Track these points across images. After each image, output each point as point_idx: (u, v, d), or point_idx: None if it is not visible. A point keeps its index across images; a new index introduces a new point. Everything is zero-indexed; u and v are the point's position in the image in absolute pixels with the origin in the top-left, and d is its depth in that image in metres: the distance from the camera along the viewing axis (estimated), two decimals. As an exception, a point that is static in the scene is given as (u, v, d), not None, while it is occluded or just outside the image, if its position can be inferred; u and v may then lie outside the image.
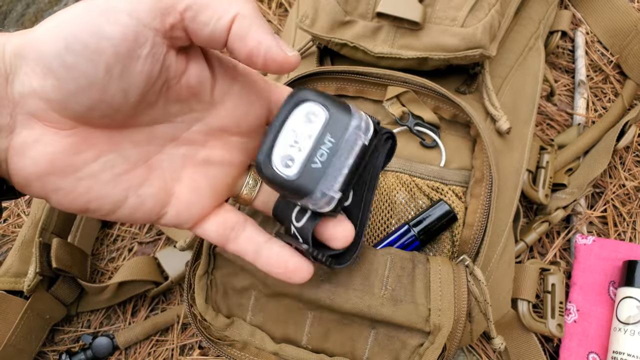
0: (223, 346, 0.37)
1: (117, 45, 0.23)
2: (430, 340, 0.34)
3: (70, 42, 0.23)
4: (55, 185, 0.25)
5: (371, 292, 0.35)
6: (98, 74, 0.23)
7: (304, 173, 0.27)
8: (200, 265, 0.38)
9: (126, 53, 0.23)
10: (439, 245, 0.41)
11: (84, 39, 0.23)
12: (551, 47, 0.60)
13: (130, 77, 0.24)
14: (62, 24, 0.23)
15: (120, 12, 0.23)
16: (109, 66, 0.23)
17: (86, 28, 0.23)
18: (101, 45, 0.23)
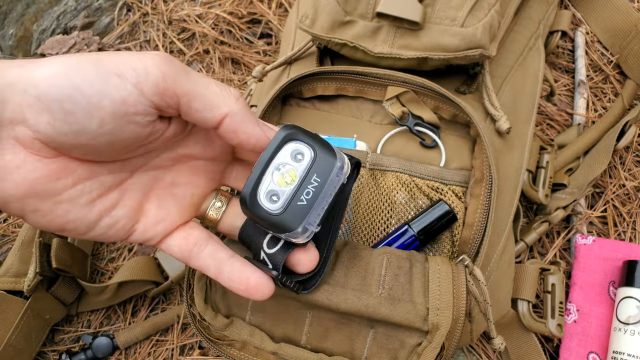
0: (222, 346, 0.37)
1: (116, 108, 0.25)
2: (428, 339, 0.34)
3: (74, 93, 0.25)
4: (34, 207, 0.27)
5: (369, 292, 0.35)
6: (92, 125, 0.25)
7: (289, 209, 0.29)
8: None
9: (122, 115, 0.26)
10: (438, 245, 0.41)
11: (88, 93, 0.25)
12: (551, 47, 0.60)
13: (120, 134, 0.27)
14: (70, 72, 0.25)
15: (127, 80, 0.25)
16: (104, 122, 0.26)
17: (93, 85, 0.25)
18: (102, 103, 0.25)
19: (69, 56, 0.25)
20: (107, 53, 0.26)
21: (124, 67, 0.25)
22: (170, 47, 0.70)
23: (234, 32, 0.70)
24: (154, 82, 0.26)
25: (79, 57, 0.25)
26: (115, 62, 0.25)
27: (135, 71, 0.25)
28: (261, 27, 0.70)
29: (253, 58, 0.67)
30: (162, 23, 0.71)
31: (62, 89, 0.24)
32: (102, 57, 0.26)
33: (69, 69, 0.25)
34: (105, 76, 0.25)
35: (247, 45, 0.69)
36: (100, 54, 0.26)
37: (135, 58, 0.26)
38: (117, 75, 0.25)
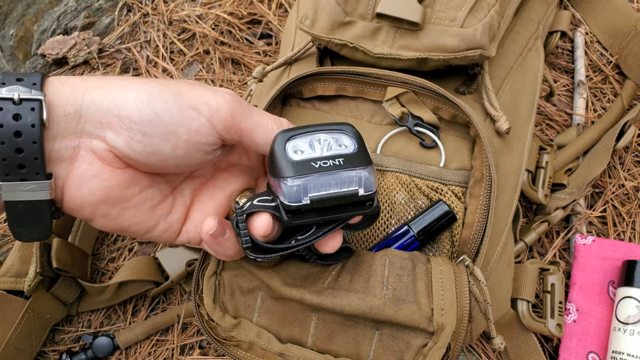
0: (229, 346, 0.37)
1: (190, 136, 0.29)
2: (434, 340, 0.34)
3: (154, 119, 0.28)
4: (105, 212, 0.30)
5: (373, 293, 0.35)
6: (165, 149, 0.29)
7: (302, 163, 0.30)
8: (210, 265, 0.38)
9: (194, 144, 0.29)
10: (438, 246, 0.41)
11: (167, 121, 0.28)
12: (551, 48, 0.60)
13: (188, 159, 0.30)
14: (152, 99, 0.28)
15: (202, 113, 0.29)
16: (177, 147, 0.29)
17: (172, 114, 0.28)
18: (178, 131, 0.28)
19: (151, 82, 0.28)
20: (185, 84, 0.30)
21: (199, 102, 0.29)
22: (171, 47, 0.70)
23: (234, 33, 0.70)
24: (224, 118, 0.29)
25: (160, 85, 0.28)
26: (192, 95, 0.29)
27: (209, 106, 0.29)
28: (261, 27, 0.70)
29: (253, 58, 0.67)
30: (162, 23, 0.71)
31: (144, 114, 0.28)
32: (181, 89, 0.29)
33: (152, 97, 0.28)
34: (183, 107, 0.28)
35: (247, 45, 0.69)
36: (179, 84, 0.29)
37: (209, 94, 0.29)
38: (193, 108, 0.28)
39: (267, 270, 0.36)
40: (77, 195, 0.29)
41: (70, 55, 0.67)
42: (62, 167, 0.28)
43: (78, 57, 0.68)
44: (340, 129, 0.32)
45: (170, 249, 0.54)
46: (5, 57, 0.71)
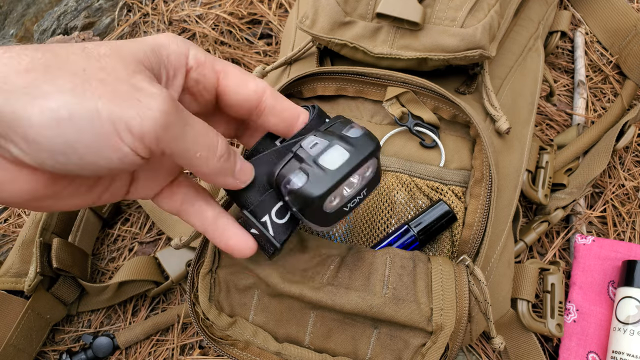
0: (225, 346, 0.37)
1: (112, 164, 0.24)
2: (432, 339, 0.34)
3: (68, 151, 0.23)
4: (39, 205, 0.27)
5: (373, 292, 0.35)
6: (84, 172, 0.24)
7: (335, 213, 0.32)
8: (205, 263, 0.38)
9: (117, 168, 0.25)
10: (438, 245, 0.41)
11: (82, 152, 0.23)
12: (551, 48, 0.60)
13: (115, 174, 0.28)
14: (63, 125, 0.22)
15: (124, 141, 0.23)
16: (98, 172, 0.24)
17: (89, 145, 0.23)
18: (98, 162, 0.24)
19: (64, 94, 0.22)
20: (103, 87, 0.23)
21: (120, 126, 0.23)
22: (171, 47, 0.70)
23: (234, 33, 0.70)
24: (149, 144, 0.24)
25: (73, 97, 0.22)
26: (112, 115, 0.23)
27: (131, 133, 0.23)
28: (261, 27, 0.70)
29: (253, 58, 0.67)
30: (162, 23, 0.71)
31: (54, 144, 0.22)
32: (99, 107, 0.22)
33: (61, 122, 0.22)
34: (102, 136, 0.23)
35: (247, 45, 0.69)
36: (95, 88, 0.23)
37: (135, 115, 0.23)
38: (114, 136, 0.23)
39: (265, 266, 0.36)
40: (1, 197, 0.25)
41: (70, 55, 0.67)
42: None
43: (78, 57, 0.68)
44: (371, 156, 0.31)
45: (170, 249, 0.54)
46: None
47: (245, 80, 0.31)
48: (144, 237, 0.59)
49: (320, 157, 0.30)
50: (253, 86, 0.31)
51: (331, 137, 0.31)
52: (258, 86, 0.31)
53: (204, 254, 0.39)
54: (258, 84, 0.31)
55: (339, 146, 0.31)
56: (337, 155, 0.30)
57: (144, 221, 0.59)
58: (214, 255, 0.38)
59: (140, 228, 0.59)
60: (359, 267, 0.36)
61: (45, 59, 0.23)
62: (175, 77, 0.28)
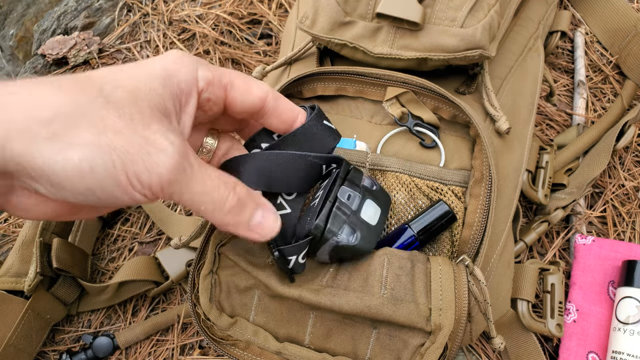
0: (226, 346, 0.37)
1: (125, 203, 0.27)
2: (431, 339, 0.34)
3: (87, 193, 0.25)
4: (60, 218, 0.29)
5: (371, 293, 0.35)
6: (99, 206, 0.28)
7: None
8: (205, 264, 0.38)
9: (129, 204, 0.27)
10: (438, 245, 0.41)
11: (99, 196, 0.26)
12: (551, 48, 0.60)
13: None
14: (85, 176, 0.24)
15: (135, 188, 0.26)
16: (112, 207, 0.28)
17: (105, 190, 0.25)
18: (114, 202, 0.26)
19: (84, 147, 0.24)
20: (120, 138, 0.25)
21: (133, 179, 0.25)
22: (171, 47, 0.70)
23: (234, 33, 0.70)
24: (155, 195, 0.27)
25: (91, 153, 0.24)
26: (126, 166, 0.25)
27: (142, 185, 0.26)
28: (261, 27, 0.70)
29: (253, 58, 0.67)
30: (162, 23, 0.71)
31: (76, 187, 0.25)
32: (115, 161, 0.25)
33: (83, 173, 0.24)
34: (117, 186, 0.25)
35: (247, 45, 0.69)
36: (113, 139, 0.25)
37: (144, 170, 0.25)
38: (127, 186, 0.26)
39: (264, 268, 0.36)
40: (24, 215, 0.28)
41: (70, 55, 0.67)
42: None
43: (78, 57, 0.68)
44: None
45: (170, 249, 0.54)
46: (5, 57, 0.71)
47: (250, 87, 0.32)
48: (144, 237, 0.59)
49: (361, 212, 0.34)
50: (257, 93, 0.32)
51: (358, 188, 0.35)
52: (261, 92, 0.32)
53: (204, 255, 0.39)
54: (261, 89, 0.32)
55: (370, 201, 0.35)
56: (373, 210, 0.35)
57: (144, 221, 0.59)
58: (214, 257, 0.38)
59: (140, 228, 0.59)
60: (358, 269, 0.36)
61: (66, 107, 0.24)
62: (187, 104, 0.29)
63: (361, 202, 0.34)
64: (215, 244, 0.38)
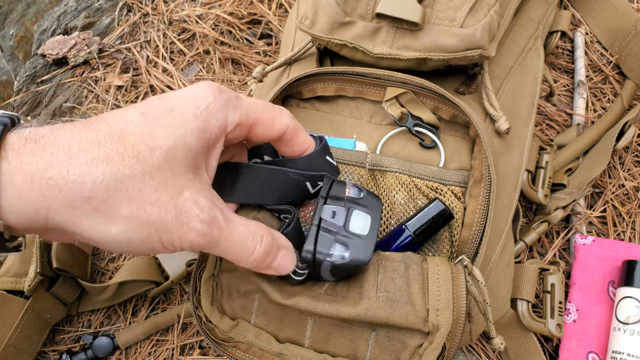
0: (228, 347, 0.37)
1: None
2: (429, 340, 0.34)
3: (124, 250, 0.28)
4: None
5: (367, 297, 0.35)
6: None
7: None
8: (207, 268, 0.38)
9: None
10: (437, 246, 0.41)
11: (135, 252, 0.30)
12: (550, 48, 0.60)
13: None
14: (127, 246, 0.27)
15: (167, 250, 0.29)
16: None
17: (141, 250, 0.28)
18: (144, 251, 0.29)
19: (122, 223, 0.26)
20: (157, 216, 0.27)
21: (167, 244, 0.28)
22: (171, 47, 0.70)
23: (234, 33, 0.70)
24: (189, 249, 0.29)
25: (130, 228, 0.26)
26: (161, 240, 0.27)
27: (174, 247, 0.28)
28: (261, 27, 0.70)
29: (253, 58, 0.67)
30: (162, 23, 0.71)
31: (114, 249, 0.28)
32: (152, 234, 0.27)
33: (124, 244, 0.27)
34: (151, 249, 0.28)
35: (247, 45, 0.69)
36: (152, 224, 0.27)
37: (177, 239, 0.28)
38: (161, 249, 0.28)
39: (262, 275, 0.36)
40: (56, 240, 0.32)
41: (70, 55, 0.67)
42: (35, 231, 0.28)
43: (78, 57, 0.68)
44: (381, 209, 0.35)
45: (170, 249, 0.54)
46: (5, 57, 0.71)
47: (274, 123, 0.33)
48: (144, 237, 0.59)
49: (350, 225, 0.33)
50: (279, 128, 0.33)
51: (342, 202, 0.34)
52: (283, 127, 0.33)
53: (206, 257, 0.39)
54: (283, 124, 0.33)
55: (358, 211, 0.34)
56: (362, 220, 0.34)
57: (144, 221, 0.59)
58: (215, 259, 0.38)
59: (140, 228, 0.59)
60: (354, 278, 0.36)
61: (105, 181, 0.25)
62: (215, 148, 0.31)
63: (347, 215, 0.34)
64: None
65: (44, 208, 0.24)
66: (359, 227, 0.34)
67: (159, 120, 0.27)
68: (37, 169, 0.24)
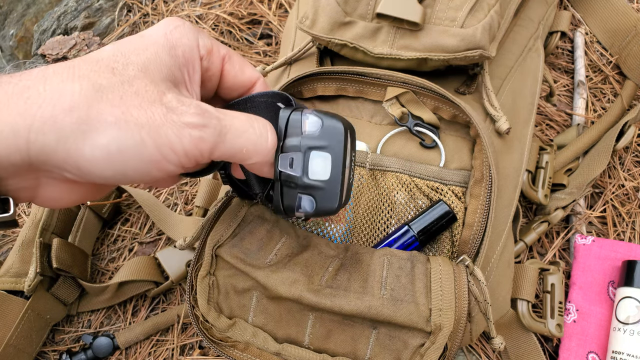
0: (225, 347, 0.37)
1: (158, 178, 0.27)
2: (431, 340, 0.34)
3: (117, 176, 0.25)
4: (81, 202, 0.30)
5: (371, 293, 0.35)
6: (127, 184, 0.28)
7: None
8: (203, 266, 0.38)
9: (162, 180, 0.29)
10: (438, 246, 0.41)
11: (131, 176, 0.26)
12: (550, 48, 0.60)
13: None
14: (113, 159, 0.24)
15: (169, 163, 0.26)
16: (142, 183, 0.28)
17: (137, 169, 0.25)
18: (143, 179, 0.27)
19: (110, 128, 0.24)
20: (145, 118, 0.25)
21: (166, 151, 0.25)
22: (171, 47, 0.70)
23: (234, 33, 0.70)
24: (193, 159, 0.27)
25: (119, 133, 0.24)
26: (157, 141, 0.25)
27: (176, 154, 0.26)
28: (261, 27, 0.70)
29: (253, 58, 0.67)
30: (162, 23, 0.71)
31: (105, 173, 0.25)
32: (144, 137, 0.25)
33: (112, 155, 0.24)
34: (150, 163, 0.25)
35: (247, 45, 0.69)
36: (142, 127, 0.25)
37: (175, 137, 0.25)
38: (161, 161, 0.26)
39: (262, 269, 0.36)
40: (50, 205, 0.28)
41: (70, 56, 0.67)
42: (25, 192, 0.26)
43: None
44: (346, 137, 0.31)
45: (170, 249, 0.54)
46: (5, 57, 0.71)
47: (244, 66, 0.33)
48: (144, 237, 0.59)
49: (309, 172, 0.30)
50: (249, 72, 0.33)
51: (299, 143, 0.31)
52: (254, 73, 0.33)
53: (202, 256, 0.39)
54: (255, 71, 0.33)
55: (316, 152, 0.30)
56: (321, 162, 0.30)
57: (144, 221, 0.59)
58: (211, 258, 0.38)
59: (140, 228, 0.59)
60: (357, 269, 0.36)
61: (84, 91, 0.24)
62: (194, 72, 0.30)
63: (305, 160, 0.30)
64: (212, 246, 0.38)
65: (24, 128, 0.23)
66: (319, 172, 0.30)
67: (130, 44, 0.28)
68: (13, 92, 0.23)
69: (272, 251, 0.37)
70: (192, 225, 0.55)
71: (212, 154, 0.27)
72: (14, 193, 0.26)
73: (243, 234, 0.38)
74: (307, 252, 0.38)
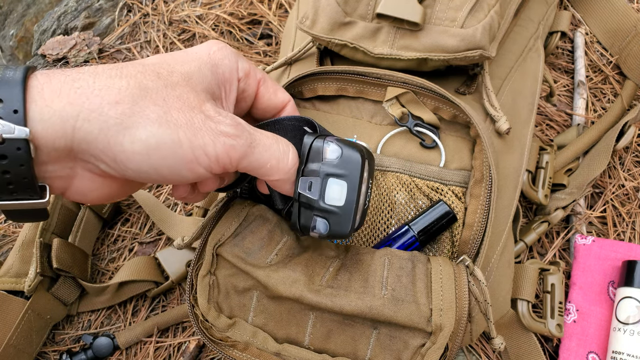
0: (225, 347, 0.37)
1: (187, 180, 0.29)
2: (432, 340, 0.34)
3: (152, 172, 0.27)
4: (110, 200, 0.31)
5: (372, 293, 0.35)
6: (160, 182, 0.29)
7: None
8: (203, 265, 0.38)
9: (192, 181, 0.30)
10: (438, 246, 0.41)
11: (164, 174, 0.28)
12: (551, 48, 0.60)
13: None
14: (151, 154, 0.26)
15: (201, 165, 0.28)
16: (169, 183, 0.30)
17: (171, 168, 0.27)
18: (175, 179, 0.29)
19: (151, 124, 0.26)
20: (186, 122, 0.27)
21: (198, 153, 0.27)
22: (171, 47, 0.70)
23: (234, 33, 0.70)
24: (222, 166, 0.29)
25: (160, 128, 0.26)
26: (193, 144, 0.27)
27: (208, 157, 0.28)
28: (261, 27, 0.70)
29: (253, 59, 0.67)
30: (162, 24, 0.71)
31: (141, 166, 0.27)
32: (181, 137, 0.27)
33: (150, 150, 0.26)
34: (182, 162, 0.27)
35: (247, 46, 0.69)
36: (178, 122, 0.27)
37: (210, 141, 0.27)
38: (193, 161, 0.28)
39: (263, 268, 0.36)
40: (80, 199, 0.29)
41: (70, 56, 0.67)
42: (60, 181, 0.28)
43: (78, 57, 0.68)
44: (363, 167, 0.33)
45: (170, 249, 0.54)
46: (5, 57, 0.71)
47: (277, 90, 0.36)
48: (144, 237, 0.59)
49: (325, 197, 0.33)
50: (282, 96, 0.36)
51: (318, 169, 0.33)
52: (286, 97, 0.36)
53: (202, 255, 0.39)
54: (286, 95, 0.36)
55: (333, 179, 0.33)
56: (338, 189, 0.33)
57: (144, 221, 0.59)
58: (212, 257, 0.38)
59: (140, 228, 0.59)
60: (358, 269, 0.36)
61: (130, 89, 0.26)
62: (230, 92, 0.32)
63: (322, 186, 0.33)
64: (213, 245, 0.38)
65: (72, 116, 0.25)
66: (335, 198, 0.33)
67: (174, 56, 0.30)
68: (65, 82, 0.25)
69: (273, 251, 0.37)
70: (192, 226, 0.55)
71: (240, 163, 0.29)
72: (50, 181, 0.27)
73: (244, 234, 0.38)
74: (307, 253, 0.38)
